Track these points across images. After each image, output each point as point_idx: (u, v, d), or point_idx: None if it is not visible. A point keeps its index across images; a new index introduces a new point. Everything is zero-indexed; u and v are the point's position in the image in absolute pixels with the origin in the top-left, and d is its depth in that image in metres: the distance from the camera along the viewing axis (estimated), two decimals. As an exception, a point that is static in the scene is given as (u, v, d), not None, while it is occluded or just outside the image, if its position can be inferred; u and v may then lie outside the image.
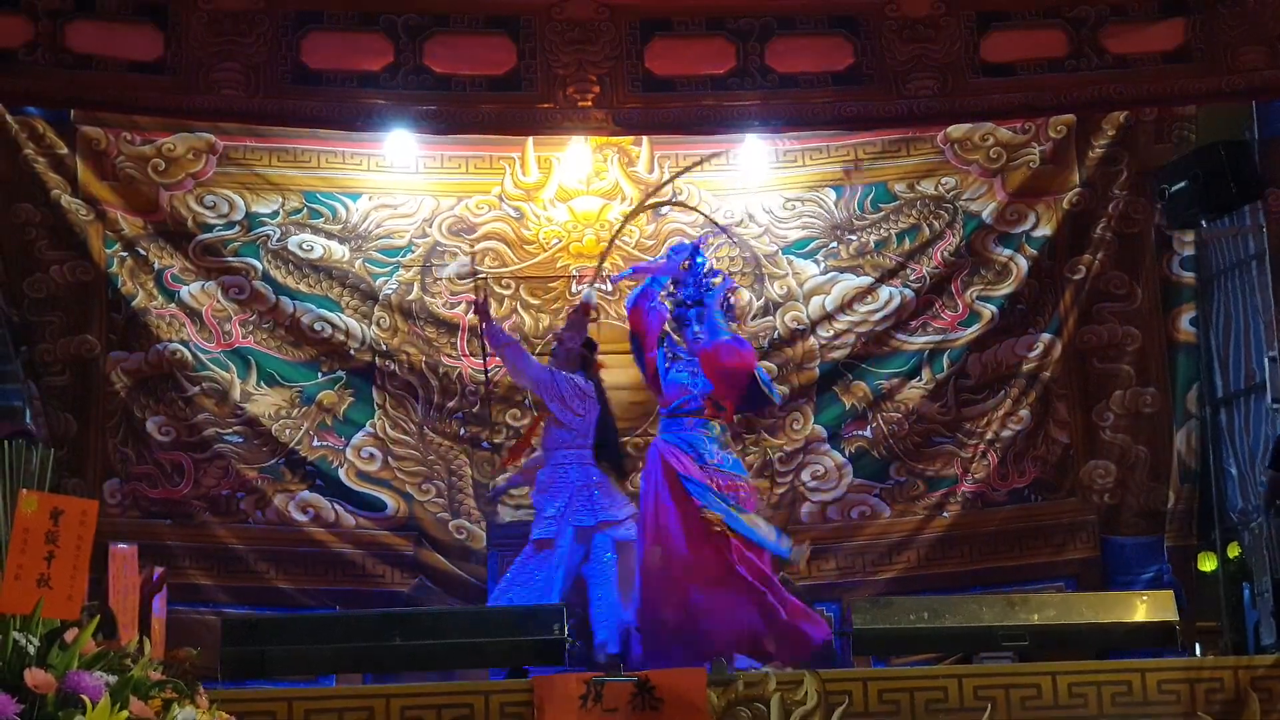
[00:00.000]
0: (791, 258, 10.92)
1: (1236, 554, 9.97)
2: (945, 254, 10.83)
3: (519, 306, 10.72)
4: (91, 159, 10.34)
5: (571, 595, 8.48)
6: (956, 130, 10.76)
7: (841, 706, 6.51)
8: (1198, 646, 9.00)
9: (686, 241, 10.81)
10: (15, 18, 8.73)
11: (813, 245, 10.91)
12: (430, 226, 10.78)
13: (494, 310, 10.57)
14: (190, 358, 10.31)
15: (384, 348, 10.56)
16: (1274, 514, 9.53)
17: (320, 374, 10.53)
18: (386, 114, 9.35)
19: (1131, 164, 10.74)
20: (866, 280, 10.85)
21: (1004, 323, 10.77)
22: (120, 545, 5.27)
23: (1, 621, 3.91)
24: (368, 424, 10.52)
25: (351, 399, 10.52)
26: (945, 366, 10.72)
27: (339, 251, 10.65)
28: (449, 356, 10.60)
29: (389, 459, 10.50)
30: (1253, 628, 9.36)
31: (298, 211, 10.63)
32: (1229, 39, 9.17)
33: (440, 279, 10.67)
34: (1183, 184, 9.92)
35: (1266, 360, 10.06)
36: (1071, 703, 6.69)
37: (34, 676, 3.77)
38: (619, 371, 10.17)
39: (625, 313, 9.67)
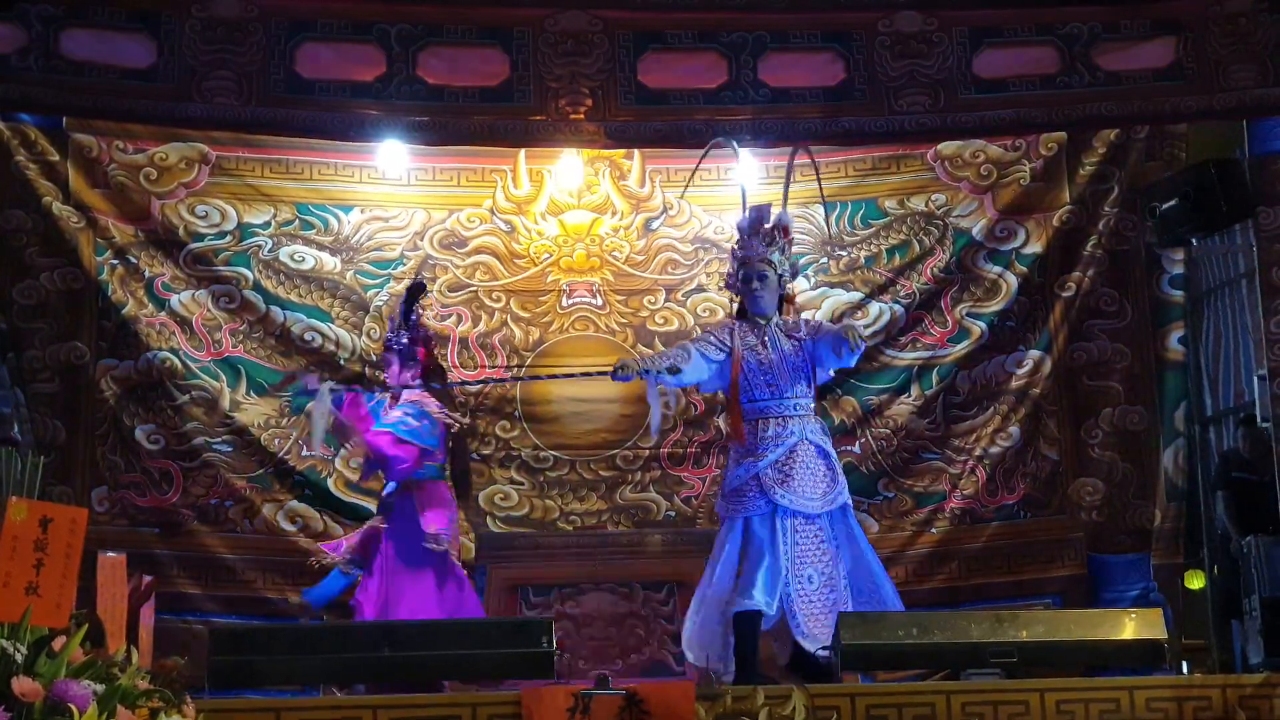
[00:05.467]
0: (782, 273, 10.91)
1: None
2: (935, 270, 10.85)
3: (509, 320, 10.73)
4: (83, 166, 10.36)
5: None
6: (947, 147, 10.79)
7: (829, 721, 6.51)
8: (1184, 664, 9.00)
9: (679, 257, 10.86)
10: (8, 24, 8.71)
11: (803, 260, 10.89)
12: (421, 239, 10.79)
13: (484, 324, 10.60)
14: (180, 366, 10.32)
15: (374, 358, 10.54)
16: (1239, 529, 9.60)
17: (310, 384, 10.52)
18: (379, 124, 9.33)
19: (1122, 181, 10.77)
20: (857, 295, 10.88)
21: (993, 339, 10.80)
22: (109, 554, 5.26)
23: (-10, 629, 3.91)
24: (357, 433, 10.51)
25: (341, 409, 10.51)
26: (934, 382, 10.74)
27: (330, 263, 10.66)
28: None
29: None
30: (1240, 646, 9.37)
31: (289, 223, 10.65)
32: (1220, 57, 9.18)
33: (430, 292, 10.66)
34: (1173, 202, 9.94)
35: (1256, 379, 10.08)
36: (1059, 719, 6.68)
37: (21, 684, 3.76)
38: (609, 384, 10.17)
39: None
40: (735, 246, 8.14)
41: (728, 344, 7.80)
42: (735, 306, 8.14)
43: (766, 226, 8.02)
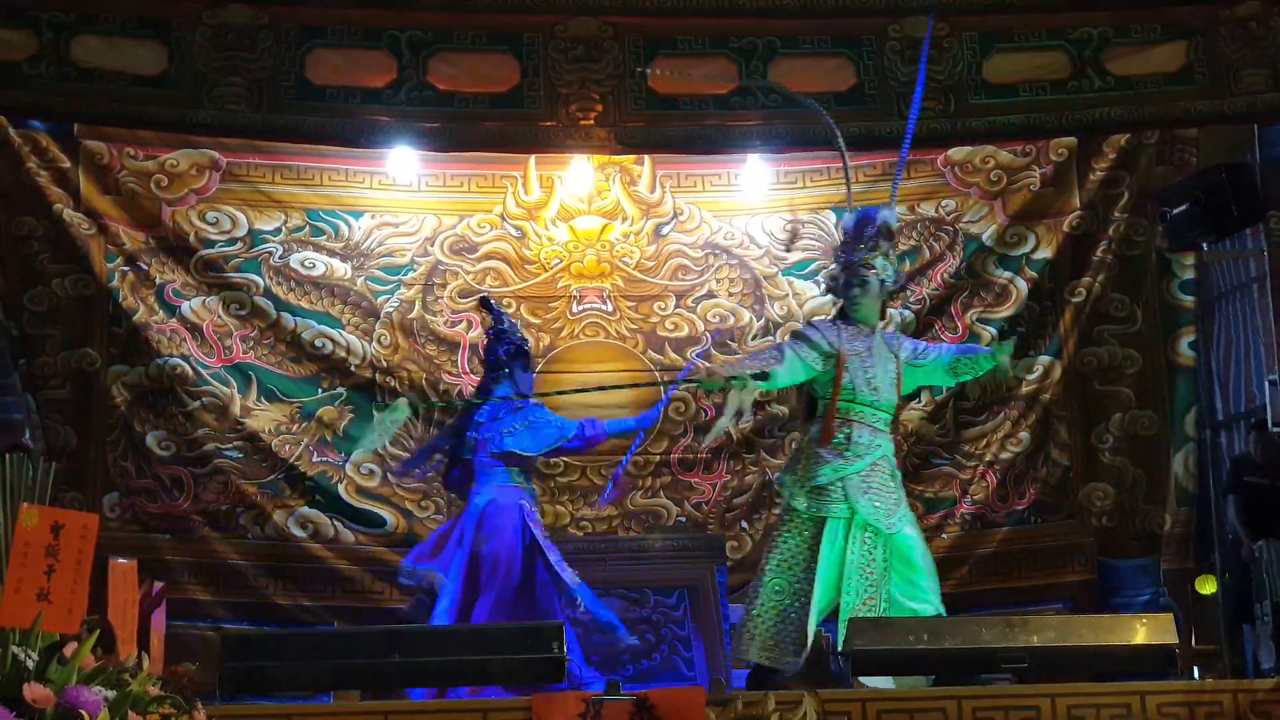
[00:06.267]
0: (792, 279, 10.94)
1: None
2: (945, 276, 10.85)
3: (520, 326, 10.72)
4: (94, 173, 10.37)
5: None
6: (957, 153, 10.78)
7: (840, 727, 6.50)
8: (1196, 670, 8.98)
9: (690, 263, 10.85)
10: (20, 31, 8.74)
11: (813, 267, 10.93)
12: (432, 245, 10.80)
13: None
14: (191, 372, 10.33)
15: (384, 364, 10.58)
16: (1250, 534, 9.58)
17: (320, 390, 10.55)
18: (389, 130, 9.35)
19: (1132, 186, 10.76)
20: (867, 301, 10.85)
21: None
22: (120, 560, 5.25)
23: (1, 635, 3.91)
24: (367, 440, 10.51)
25: (351, 415, 10.53)
26: (944, 388, 10.71)
27: (341, 269, 10.67)
28: (449, 374, 10.62)
29: (388, 475, 10.50)
30: (1251, 651, 9.35)
31: (300, 229, 10.66)
32: (1231, 61, 9.18)
33: (441, 298, 10.69)
34: (1184, 207, 9.92)
35: (1267, 383, 10.06)
36: (1070, 725, 6.67)
37: (33, 691, 3.75)
38: (616, 391, 10.17)
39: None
40: (837, 248, 8.10)
41: (835, 345, 7.75)
42: (836, 309, 8.10)
43: (870, 230, 7.95)
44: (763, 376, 7.61)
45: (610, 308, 10.81)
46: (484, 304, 9.37)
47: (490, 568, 8.48)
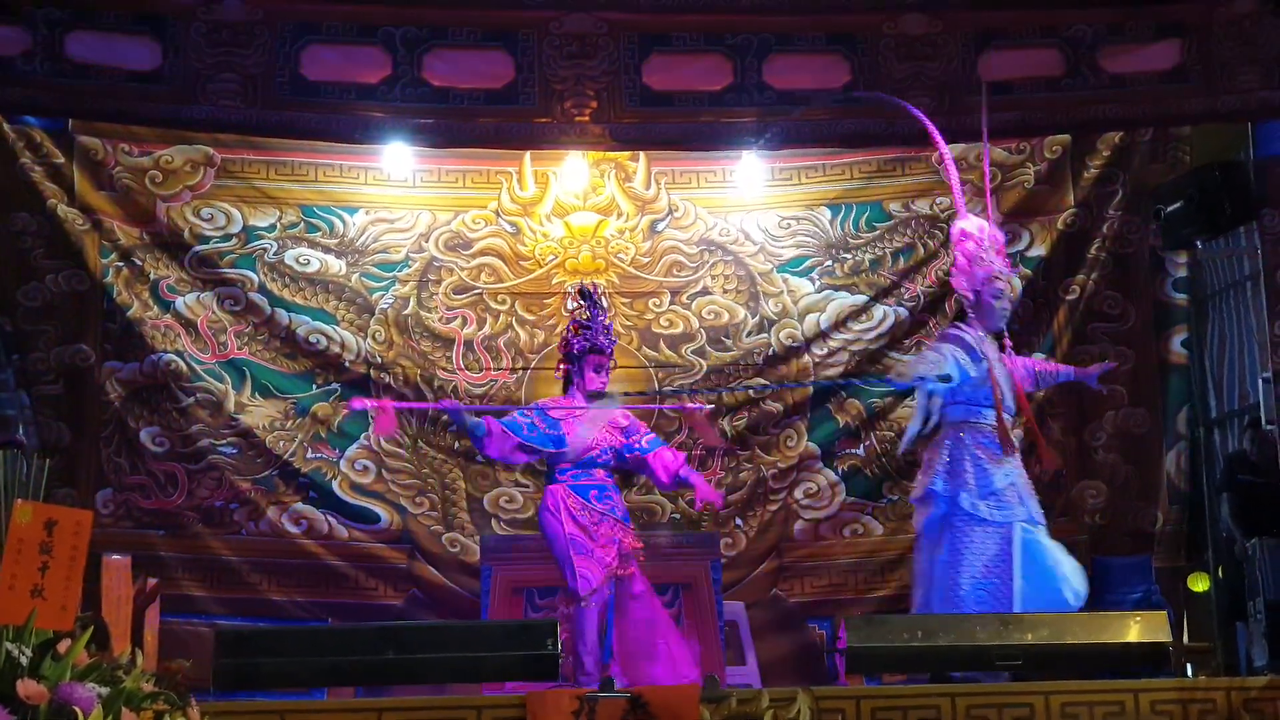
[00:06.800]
0: (787, 275, 10.93)
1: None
2: (940, 273, 10.83)
3: (514, 322, 10.73)
4: (89, 169, 10.36)
5: None
6: (952, 150, 10.76)
7: (834, 724, 6.50)
8: (1189, 667, 8.99)
9: (684, 259, 10.86)
10: (14, 27, 8.73)
11: (808, 263, 10.93)
12: (427, 241, 10.79)
13: (489, 326, 10.61)
14: (185, 368, 10.33)
15: (379, 360, 10.57)
16: (1244, 532, 9.61)
17: (315, 386, 10.55)
18: (384, 126, 9.34)
19: (1126, 184, 10.77)
20: (861, 298, 10.87)
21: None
22: (114, 556, 5.26)
23: (-5, 632, 3.91)
24: (362, 436, 10.53)
25: (346, 411, 10.51)
26: (939, 385, 10.71)
27: (335, 265, 10.67)
28: (444, 370, 10.61)
29: (383, 471, 10.51)
30: (1244, 649, 9.37)
31: (295, 225, 10.65)
32: (1225, 60, 9.18)
33: (436, 294, 10.69)
34: (1178, 205, 9.95)
35: (1260, 381, 10.08)
36: (1064, 722, 6.68)
37: (26, 687, 3.76)
38: (613, 386, 10.16)
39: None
40: (974, 257, 8.13)
41: (983, 352, 7.94)
42: (961, 310, 8.30)
43: (1002, 242, 8.11)
44: (946, 378, 7.76)
45: (605, 304, 10.79)
46: (582, 293, 8.60)
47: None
